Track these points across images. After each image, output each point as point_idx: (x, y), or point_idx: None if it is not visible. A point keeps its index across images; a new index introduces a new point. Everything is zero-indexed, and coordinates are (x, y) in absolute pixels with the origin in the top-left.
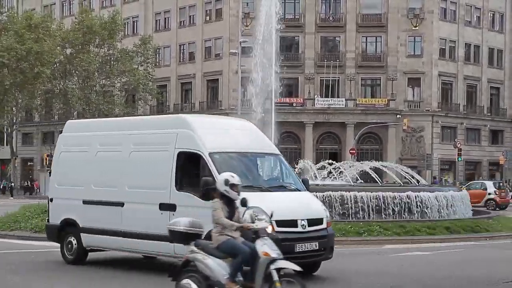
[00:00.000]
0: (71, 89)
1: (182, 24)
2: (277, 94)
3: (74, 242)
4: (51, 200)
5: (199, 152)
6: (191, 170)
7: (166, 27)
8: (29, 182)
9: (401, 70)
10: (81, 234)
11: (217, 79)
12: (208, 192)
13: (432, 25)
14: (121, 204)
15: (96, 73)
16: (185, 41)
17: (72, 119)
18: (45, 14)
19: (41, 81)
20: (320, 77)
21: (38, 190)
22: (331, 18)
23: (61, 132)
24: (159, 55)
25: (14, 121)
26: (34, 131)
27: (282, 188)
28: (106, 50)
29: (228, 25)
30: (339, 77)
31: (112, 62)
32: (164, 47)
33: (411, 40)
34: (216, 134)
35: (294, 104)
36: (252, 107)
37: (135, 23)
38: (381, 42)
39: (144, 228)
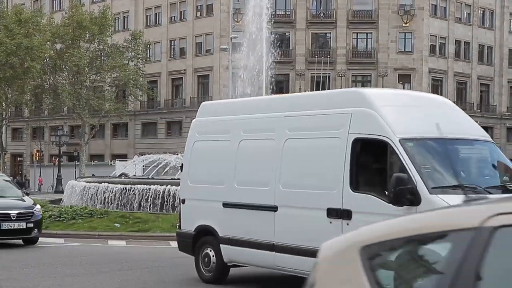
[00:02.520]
0: (61, 84)
1: (173, 19)
2: (268, 90)
3: (212, 255)
4: (183, 201)
5: (385, 139)
6: (372, 164)
7: (157, 22)
8: (22, 177)
9: (391, 67)
10: (220, 245)
11: (208, 75)
12: (401, 194)
13: (422, 21)
14: (274, 209)
15: (86, 69)
16: (176, 37)
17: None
18: (35, 9)
19: (31, 76)
20: (311, 73)
21: (40, 186)
22: (322, 14)
23: (56, 128)
24: (149, 51)
25: (4, 116)
26: (23, 126)
27: (506, 190)
28: (96, 46)
29: (219, 21)
30: (330, 73)
31: (102, 58)
32: (154, 43)
33: (402, 36)
34: (405, 113)
35: None
36: None
37: (126, 19)
38: (371, 38)
39: (305, 241)
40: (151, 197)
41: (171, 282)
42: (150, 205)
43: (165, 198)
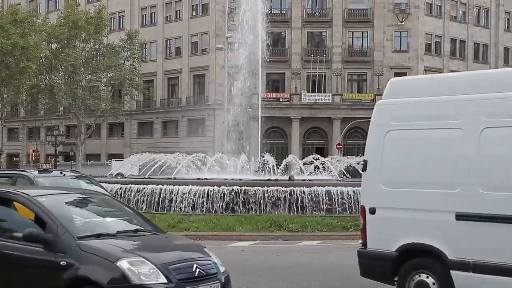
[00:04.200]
0: (57, 84)
1: (168, 19)
2: (264, 89)
3: (432, 283)
4: (372, 211)
5: None
6: None
7: (153, 22)
8: None
9: (387, 65)
10: (451, 272)
11: (204, 74)
12: None
13: (418, 20)
14: None
15: (82, 68)
16: (172, 36)
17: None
18: (30, 8)
19: (26, 76)
20: (307, 72)
21: None
22: (317, 13)
23: (52, 128)
24: (145, 50)
25: (0, 116)
26: (19, 126)
27: None
28: (92, 45)
29: (214, 20)
30: (325, 72)
31: (98, 57)
32: (150, 42)
33: (397, 35)
34: None
35: (281, 99)
36: (238, 102)
37: (121, 18)
38: (367, 37)
39: None
40: (147, 196)
41: None
42: (146, 204)
43: (162, 197)
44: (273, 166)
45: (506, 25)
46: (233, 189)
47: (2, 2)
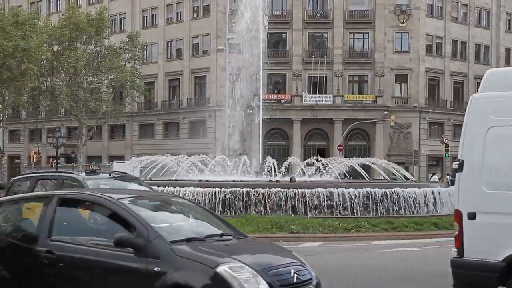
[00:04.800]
0: (58, 86)
1: (169, 20)
2: (265, 91)
3: None
4: (471, 216)
5: None
6: None
7: (154, 23)
8: None
9: (388, 67)
10: None
11: (205, 76)
12: None
13: (419, 21)
14: None
15: (83, 70)
16: (173, 38)
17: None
18: (31, 10)
19: (28, 78)
20: (308, 74)
21: None
22: (318, 15)
23: (53, 130)
24: (146, 52)
25: (1, 118)
26: (21, 128)
27: None
28: (93, 47)
29: (215, 22)
30: (326, 74)
31: (99, 59)
32: (151, 44)
33: (398, 36)
34: None
35: (282, 101)
36: (239, 103)
37: (122, 20)
38: (368, 38)
39: None
40: None
41: None
42: None
43: None
44: (274, 167)
45: (507, 26)
46: (234, 191)
47: (3, 4)
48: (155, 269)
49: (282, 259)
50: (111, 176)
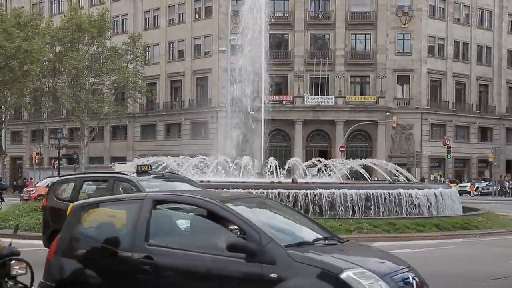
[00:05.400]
0: (60, 87)
1: (171, 22)
2: (267, 92)
3: None
4: None
5: None
6: None
7: (156, 25)
8: (22, 180)
9: (390, 68)
10: None
11: (207, 77)
12: None
13: (421, 22)
14: None
15: (85, 71)
16: (175, 39)
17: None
18: (34, 12)
19: (30, 79)
20: (310, 75)
21: None
22: (320, 16)
23: (55, 131)
24: (148, 53)
25: (3, 119)
26: (23, 129)
27: None
28: (95, 48)
29: (217, 23)
30: (328, 75)
31: (101, 60)
32: (153, 45)
33: (400, 37)
34: None
35: (284, 102)
36: (241, 105)
37: (124, 21)
38: (370, 39)
39: None
40: None
41: None
42: None
43: None
44: (276, 168)
45: (510, 27)
46: None
47: (6, 5)
48: (271, 275)
49: (396, 264)
50: (164, 176)
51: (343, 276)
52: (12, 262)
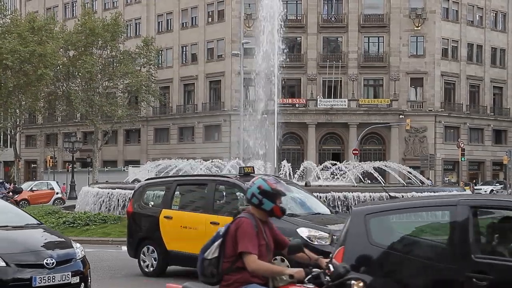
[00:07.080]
0: (74, 91)
1: (184, 25)
2: (280, 95)
3: None
4: None
5: None
6: None
7: (169, 28)
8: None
9: (403, 70)
10: None
11: (220, 80)
12: None
13: (434, 25)
14: None
15: (99, 75)
16: (188, 43)
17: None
18: (48, 16)
19: (44, 83)
20: (323, 78)
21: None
22: (333, 19)
23: (69, 135)
24: (161, 57)
25: (18, 123)
26: (37, 133)
27: None
28: (108, 52)
29: (230, 26)
30: (341, 78)
31: (114, 64)
32: (166, 49)
33: (413, 40)
34: None
35: (297, 105)
36: (254, 108)
37: (138, 25)
38: (383, 42)
39: None
40: None
41: None
42: None
43: None
44: (289, 171)
45: None
46: None
47: (20, 10)
48: None
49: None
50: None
51: None
52: (352, 282)
